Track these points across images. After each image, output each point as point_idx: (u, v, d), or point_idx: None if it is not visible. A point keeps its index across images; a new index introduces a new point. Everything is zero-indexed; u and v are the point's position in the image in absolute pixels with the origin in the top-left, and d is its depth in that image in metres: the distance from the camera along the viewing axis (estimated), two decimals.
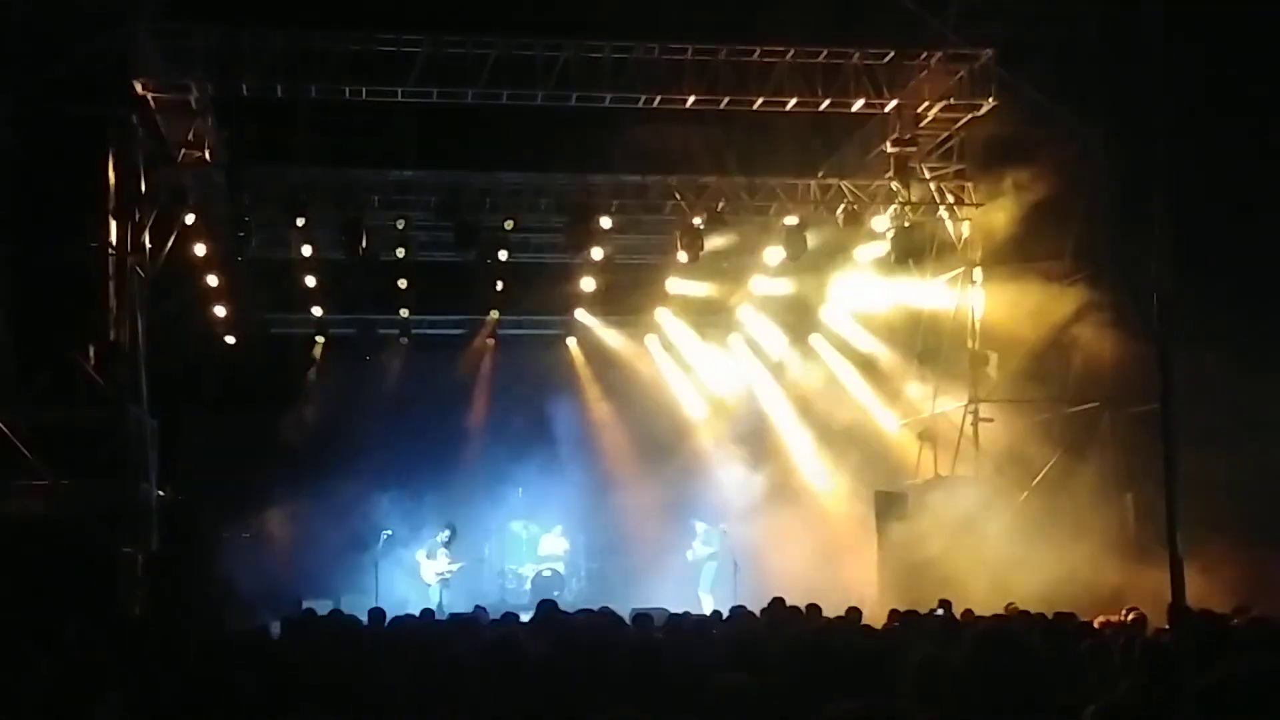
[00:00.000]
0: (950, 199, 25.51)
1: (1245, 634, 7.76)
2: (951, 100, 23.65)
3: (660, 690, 6.81)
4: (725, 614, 15.63)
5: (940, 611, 15.98)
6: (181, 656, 8.28)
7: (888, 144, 24.37)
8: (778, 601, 14.63)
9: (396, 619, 14.23)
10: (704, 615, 17.05)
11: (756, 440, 29.25)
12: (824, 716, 3.73)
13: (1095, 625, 12.78)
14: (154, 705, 6.83)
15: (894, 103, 23.79)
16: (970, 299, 25.53)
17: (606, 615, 11.34)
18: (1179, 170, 17.87)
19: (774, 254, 26.40)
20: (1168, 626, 9.45)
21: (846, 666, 6.99)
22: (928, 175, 25.19)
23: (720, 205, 25.07)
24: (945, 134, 24.86)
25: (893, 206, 25.20)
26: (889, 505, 25.64)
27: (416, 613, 16.65)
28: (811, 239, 25.55)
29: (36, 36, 21.99)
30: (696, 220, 25.01)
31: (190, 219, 24.63)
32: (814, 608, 14.70)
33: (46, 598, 18.30)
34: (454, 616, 16.75)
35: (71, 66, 21.92)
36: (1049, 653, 7.66)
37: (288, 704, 6.13)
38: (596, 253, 25.84)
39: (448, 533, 26.27)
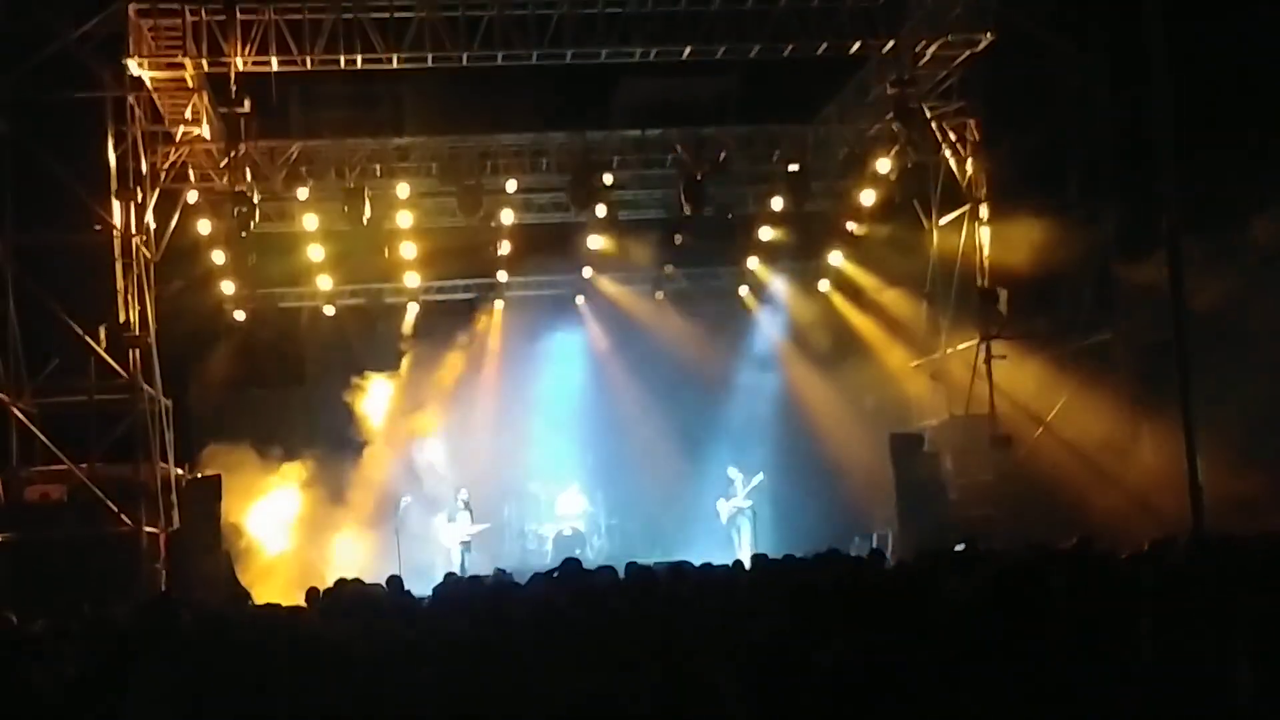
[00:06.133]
0: (953, 137, 25.40)
1: (1266, 557, 7.75)
2: (949, 37, 23.47)
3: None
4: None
5: (961, 548, 15.97)
6: (213, 636, 8.30)
7: (887, 85, 24.22)
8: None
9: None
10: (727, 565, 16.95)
11: (771, 387, 29.21)
12: (821, 659, 3.73)
13: (1117, 556, 12.75)
14: (188, 686, 6.88)
15: (891, 43, 23.63)
16: (978, 236, 25.47)
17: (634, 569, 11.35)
18: (1181, 97, 17.76)
19: (778, 202, 26.31)
20: (1189, 554, 9.46)
21: (874, 608, 7.00)
22: (929, 114, 25.05)
23: (722, 156, 25.00)
24: (944, 72, 24.68)
25: (895, 148, 25.07)
26: (905, 447, 25.66)
27: (439, 578, 16.57)
28: (816, 185, 25.48)
29: (26, 20, 21.94)
30: (698, 172, 24.94)
31: (193, 197, 24.65)
32: (835, 551, 14.68)
33: (70, 582, 18.38)
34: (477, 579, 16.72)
35: (64, 49, 21.89)
36: (1070, 585, 7.67)
37: (323, 677, 6.16)
38: (600, 210, 25.79)
39: (465, 495, 26.35)
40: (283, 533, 25.80)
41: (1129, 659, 5.23)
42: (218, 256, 25.61)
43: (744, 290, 30.42)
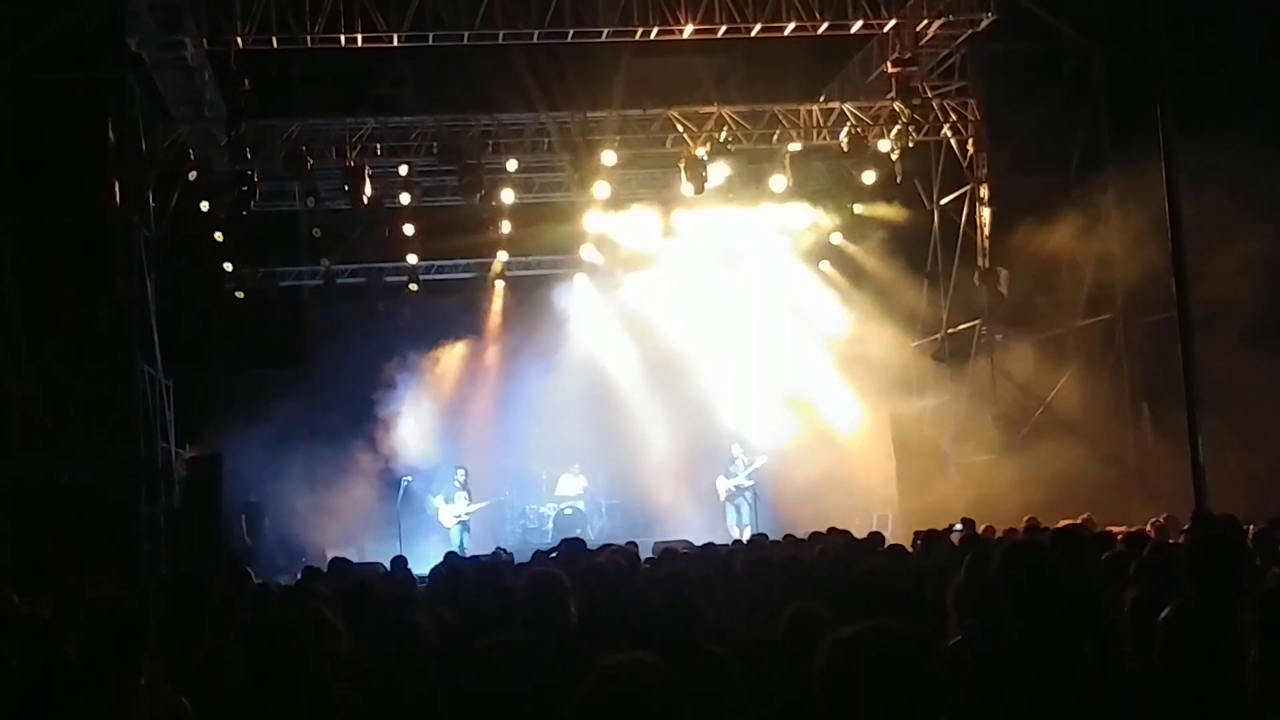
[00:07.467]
0: (954, 116, 25.37)
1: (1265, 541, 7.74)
2: (950, 16, 23.44)
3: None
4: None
5: (960, 528, 15.99)
6: (227, 616, 8.29)
7: (888, 64, 24.19)
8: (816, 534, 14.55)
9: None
10: (727, 544, 16.94)
11: (771, 367, 29.17)
12: (830, 641, 3.72)
13: (1117, 536, 12.76)
14: (203, 666, 6.88)
15: (892, 22, 23.60)
16: (979, 216, 25.44)
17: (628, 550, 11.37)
18: (1181, 77, 17.70)
19: (779, 181, 26.23)
20: (1189, 535, 9.46)
21: (873, 590, 7.00)
22: (930, 94, 25.01)
23: (723, 135, 24.94)
24: (946, 51, 24.68)
25: (896, 127, 25.02)
26: (905, 428, 25.67)
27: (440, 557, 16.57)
28: (816, 164, 25.44)
29: (24, 1, 21.89)
30: (700, 151, 24.88)
31: (192, 176, 24.61)
32: (835, 531, 14.71)
33: (72, 562, 18.39)
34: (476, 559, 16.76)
35: (62, 29, 21.82)
36: (1070, 565, 7.68)
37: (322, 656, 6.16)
38: (601, 189, 25.72)
39: (463, 474, 26.37)
40: (284, 512, 25.77)
41: (1130, 641, 5.22)
42: (217, 236, 25.57)
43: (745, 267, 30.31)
